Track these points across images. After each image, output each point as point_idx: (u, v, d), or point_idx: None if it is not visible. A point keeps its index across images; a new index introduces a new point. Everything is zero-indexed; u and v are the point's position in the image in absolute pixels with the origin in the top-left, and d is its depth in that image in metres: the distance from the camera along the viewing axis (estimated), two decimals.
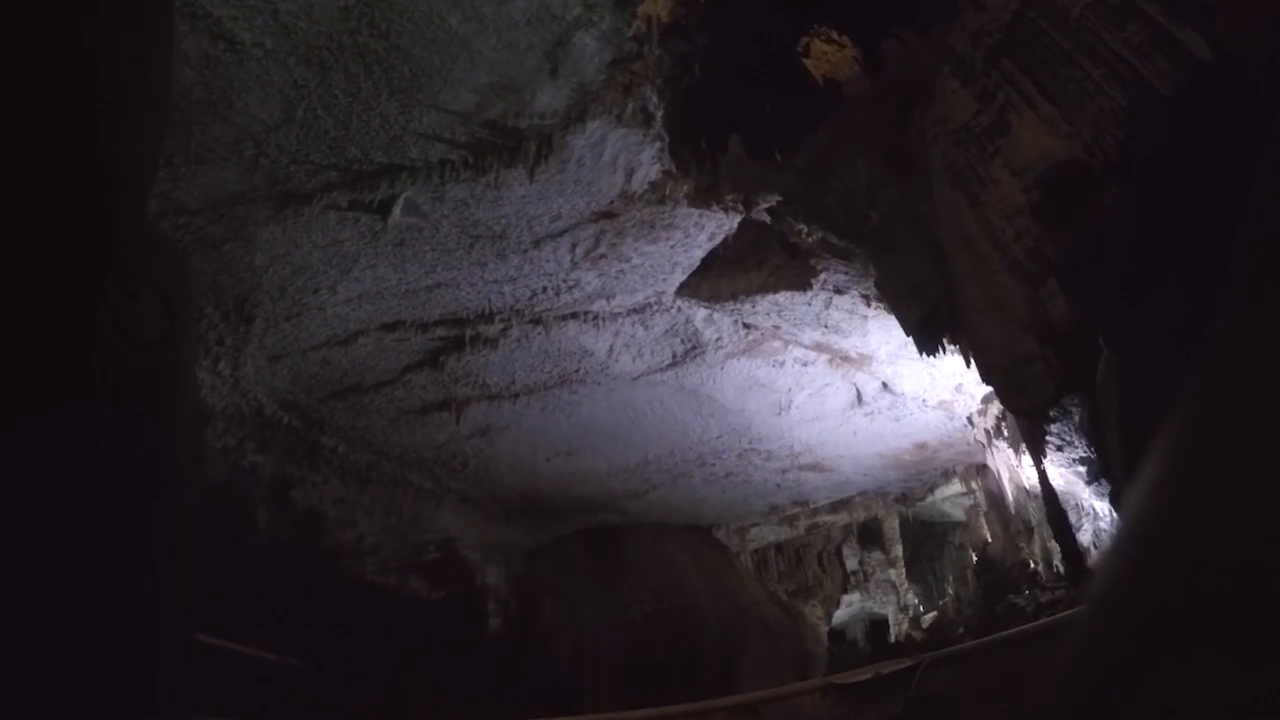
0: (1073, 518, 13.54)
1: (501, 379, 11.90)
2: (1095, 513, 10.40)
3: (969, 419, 13.53)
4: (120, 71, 1.25)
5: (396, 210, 8.36)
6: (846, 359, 12.26)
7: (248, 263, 8.92)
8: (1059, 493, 12.79)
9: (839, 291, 10.14)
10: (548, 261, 9.63)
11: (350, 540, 13.73)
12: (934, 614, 20.72)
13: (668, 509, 17.13)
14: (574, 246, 9.44)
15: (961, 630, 15.91)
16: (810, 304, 10.47)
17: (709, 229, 9.74)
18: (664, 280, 10.54)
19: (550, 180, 8.33)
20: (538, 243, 9.25)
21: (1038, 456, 8.96)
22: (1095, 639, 0.49)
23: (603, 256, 9.71)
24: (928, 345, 8.09)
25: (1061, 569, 14.11)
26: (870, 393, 13.36)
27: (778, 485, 16.66)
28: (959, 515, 22.27)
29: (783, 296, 10.38)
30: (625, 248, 9.64)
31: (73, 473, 1.06)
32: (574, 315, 10.94)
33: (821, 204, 8.79)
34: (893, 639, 20.62)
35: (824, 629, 20.51)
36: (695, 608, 16.36)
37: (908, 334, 8.51)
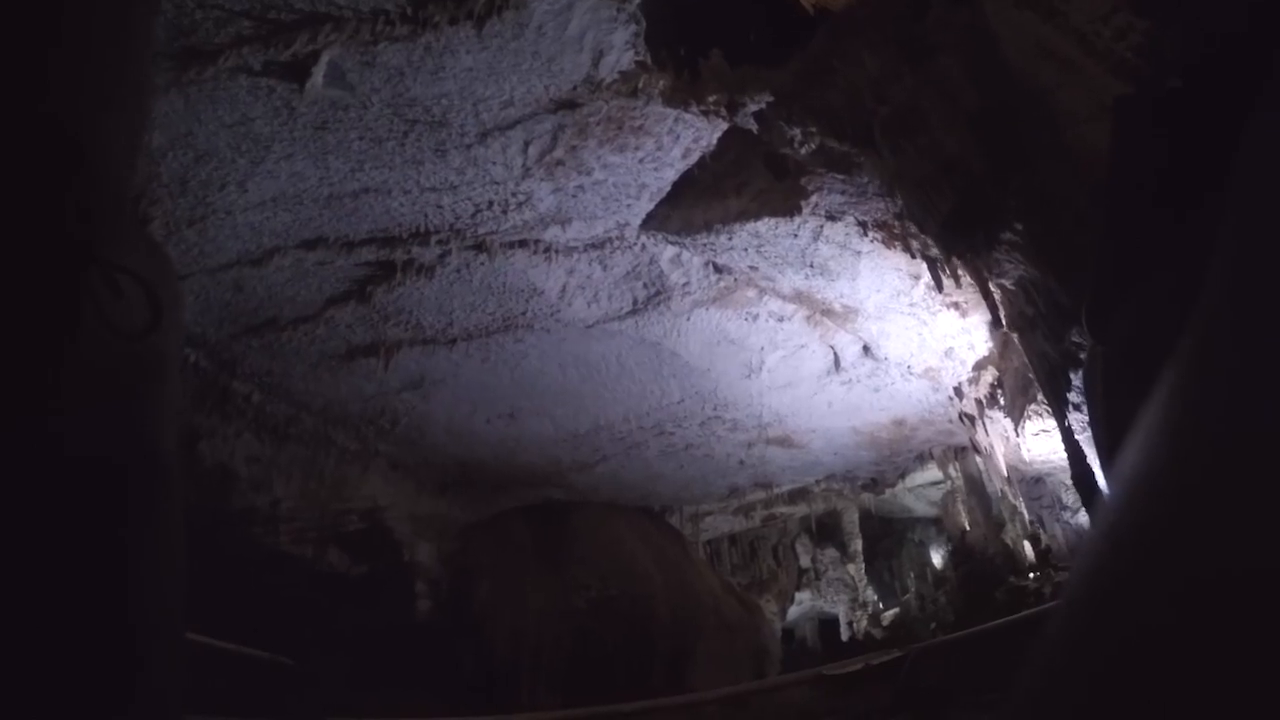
0: (1071, 498, 12.53)
1: (437, 319, 10.45)
2: (1100, 489, 9.43)
3: (956, 389, 12.35)
4: (100, 64, 1.27)
5: (318, 76, 6.89)
6: (828, 313, 11.00)
7: (144, 144, 7.40)
8: (1062, 469, 11.75)
9: (832, 217, 8.87)
10: (495, 165, 8.21)
11: (264, 505, 12.17)
12: (895, 611, 20.26)
13: (619, 486, 15.70)
14: (527, 145, 8.04)
15: (934, 625, 15.17)
16: (797, 234, 9.19)
17: (685, 141, 8.45)
18: (628, 208, 9.21)
19: (504, 48, 6.94)
20: (484, 136, 7.83)
21: (1060, 409, 7.78)
22: (1068, 637, 0.48)
23: (560, 164, 8.34)
24: (957, 238, 6.82)
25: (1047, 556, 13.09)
26: (850, 358, 12.14)
27: (741, 462, 15.31)
28: (921, 509, 21.84)
29: (765, 225, 9.08)
30: (586, 154, 8.29)
31: (54, 471, 1.04)
32: (522, 243, 9.54)
33: (821, 101, 7.55)
34: (845, 638, 19.98)
35: (778, 625, 19.44)
36: (647, 596, 14.97)
37: (928, 234, 7.27)
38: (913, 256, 9.00)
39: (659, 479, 15.68)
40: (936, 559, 22.04)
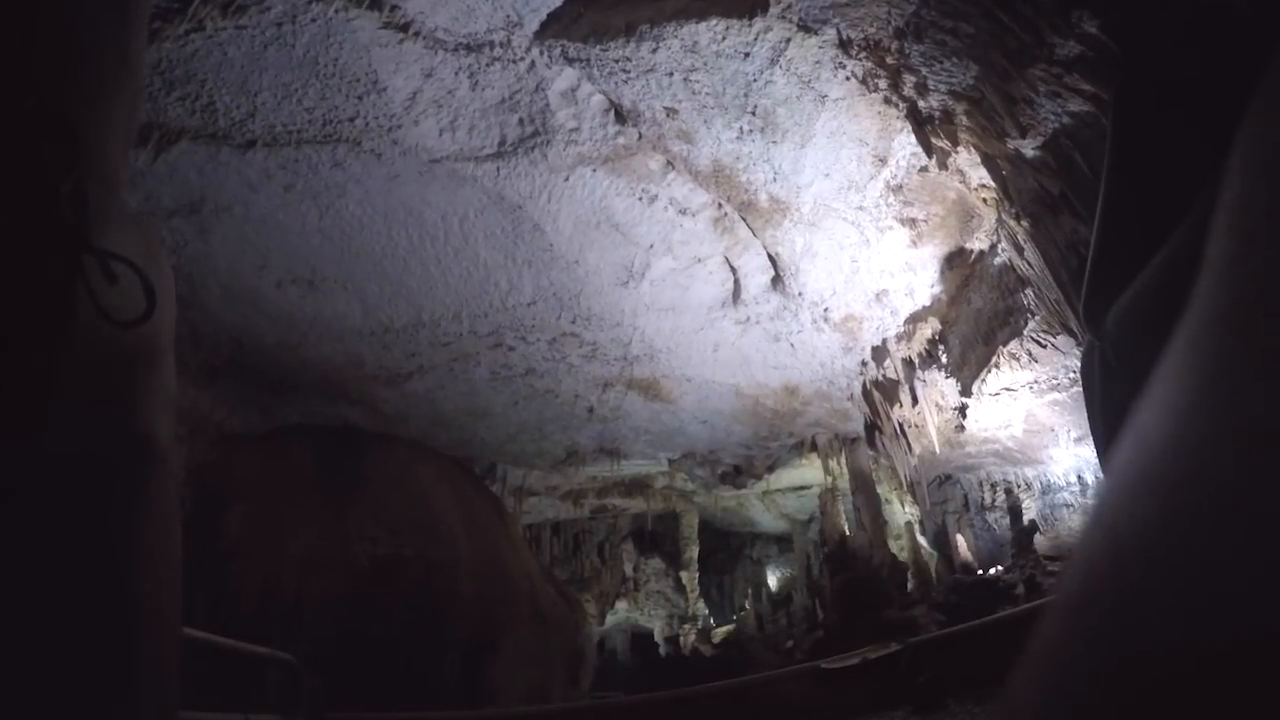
0: (988, 498, 10.65)
1: (237, 100, 7.26)
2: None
3: (877, 350, 10.15)
4: (94, 55, 1.30)
5: None
6: (748, 208, 8.57)
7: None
8: (1001, 452, 9.81)
9: (806, 28, 6.41)
10: None
11: None
12: (729, 628, 19.59)
13: (433, 416, 12.59)
14: None
15: (790, 644, 13.57)
16: (749, 53, 6.70)
17: None
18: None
19: None
20: None
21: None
22: (1065, 638, 0.47)
23: None
24: None
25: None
26: (755, 287, 9.80)
27: (590, 410, 12.58)
28: (767, 524, 21.81)
29: (710, 30, 6.57)
30: None
31: (50, 456, 1.03)
32: (375, 5, 6.66)
33: None
34: (664, 653, 18.99)
35: (597, 629, 17.02)
36: (449, 563, 12.01)
37: None
38: (898, 106, 6.74)
39: (486, 416, 12.72)
40: (773, 581, 20.97)
